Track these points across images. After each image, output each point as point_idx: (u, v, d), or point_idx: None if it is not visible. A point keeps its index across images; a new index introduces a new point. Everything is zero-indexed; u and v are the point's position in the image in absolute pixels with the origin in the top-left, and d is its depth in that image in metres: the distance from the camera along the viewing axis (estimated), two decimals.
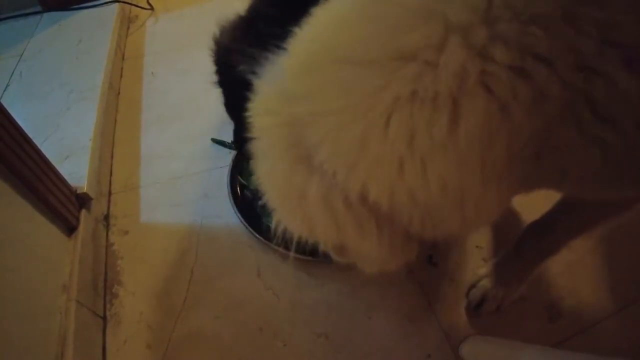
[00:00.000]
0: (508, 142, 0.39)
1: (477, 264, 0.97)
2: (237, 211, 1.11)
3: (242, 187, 1.18)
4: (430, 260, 1.01)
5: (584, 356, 0.67)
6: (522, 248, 0.88)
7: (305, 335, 0.93)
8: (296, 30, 0.50)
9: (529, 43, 0.36)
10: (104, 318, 1.00)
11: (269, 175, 0.52)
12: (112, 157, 1.34)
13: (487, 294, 0.91)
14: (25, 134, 0.89)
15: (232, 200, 1.14)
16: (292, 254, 0.98)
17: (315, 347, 0.91)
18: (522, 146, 0.40)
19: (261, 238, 1.06)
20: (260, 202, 1.13)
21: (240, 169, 1.22)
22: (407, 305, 0.95)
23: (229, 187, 1.16)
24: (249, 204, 1.14)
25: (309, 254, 1.00)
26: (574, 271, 0.96)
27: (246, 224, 1.08)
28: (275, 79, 0.50)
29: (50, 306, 0.87)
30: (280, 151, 0.48)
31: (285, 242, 0.56)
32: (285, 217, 0.53)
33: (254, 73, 0.54)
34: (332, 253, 0.56)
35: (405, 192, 0.42)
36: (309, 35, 0.47)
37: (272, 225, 0.56)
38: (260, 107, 0.51)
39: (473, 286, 0.93)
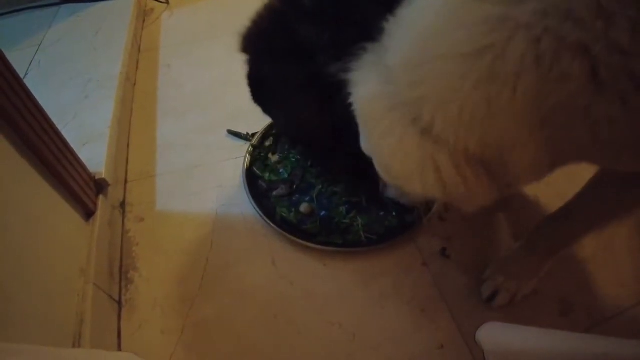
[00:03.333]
0: (548, 101, 0.50)
1: (490, 256, 0.97)
2: (252, 200, 1.12)
3: (257, 178, 1.19)
4: (443, 253, 1.01)
5: (603, 339, 0.67)
6: (536, 241, 0.89)
7: (319, 323, 0.94)
8: (390, 34, 0.62)
9: (563, 33, 0.46)
10: (119, 303, 1.02)
11: (397, 152, 0.62)
12: (128, 145, 1.36)
13: (500, 286, 0.92)
14: (49, 117, 0.91)
15: (247, 190, 1.15)
16: (309, 244, 1.03)
17: (328, 335, 0.92)
18: (550, 111, 0.51)
19: (275, 227, 1.07)
20: (274, 193, 1.15)
21: (255, 160, 1.23)
22: (420, 297, 0.95)
23: (244, 177, 1.18)
24: (263, 194, 1.16)
25: (326, 244, 1.04)
26: (587, 267, 0.97)
27: (261, 213, 1.09)
28: (380, 72, 0.62)
29: (68, 288, 0.89)
30: (403, 128, 0.60)
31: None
32: (421, 185, 0.64)
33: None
34: (451, 202, 0.70)
35: (489, 142, 0.57)
36: (409, 39, 0.59)
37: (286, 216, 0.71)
38: (369, 96, 0.64)
39: (486, 279, 0.94)
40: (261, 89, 0.94)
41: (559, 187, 0.86)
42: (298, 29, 0.81)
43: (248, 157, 1.23)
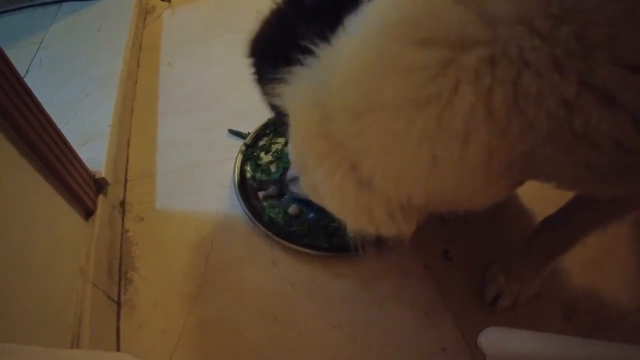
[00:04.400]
0: (505, 155, 0.51)
1: (492, 259, 0.96)
2: (241, 200, 1.12)
3: (248, 177, 1.20)
4: (446, 255, 1.01)
5: (606, 344, 0.66)
6: (537, 243, 0.88)
7: (320, 325, 0.93)
8: (327, 66, 0.60)
9: (522, 84, 0.45)
10: (118, 303, 1.01)
11: (335, 196, 0.65)
12: (128, 144, 1.35)
13: (502, 289, 0.91)
14: (49, 116, 0.90)
15: (236, 190, 1.15)
16: (295, 246, 1.03)
17: (329, 337, 0.91)
18: (517, 157, 0.51)
19: (262, 227, 1.07)
20: (264, 193, 1.15)
21: (247, 160, 1.23)
22: (422, 299, 0.95)
23: (235, 176, 1.18)
24: (253, 194, 1.16)
25: (312, 247, 1.03)
26: (590, 270, 0.96)
27: (249, 213, 1.09)
28: (319, 110, 0.61)
29: (67, 288, 0.88)
30: (342, 176, 0.61)
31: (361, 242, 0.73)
32: (353, 225, 0.68)
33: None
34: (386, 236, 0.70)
35: (434, 195, 0.58)
36: (349, 81, 0.57)
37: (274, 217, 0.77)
38: (309, 131, 0.63)
39: (488, 281, 0.93)
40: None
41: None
42: (299, 28, 0.81)
43: (240, 156, 1.23)
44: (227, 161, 1.25)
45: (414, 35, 0.50)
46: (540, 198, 1.08)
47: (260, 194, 1.16)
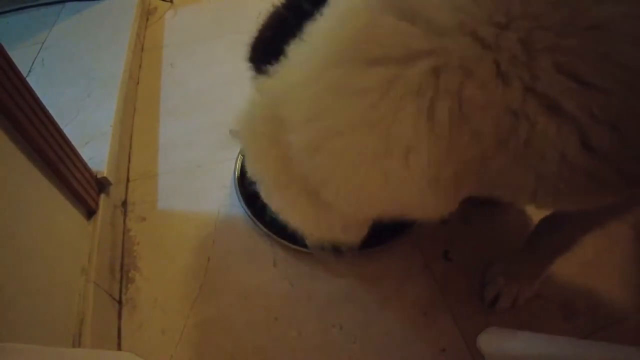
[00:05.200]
0: (452, 168, 0.51)
1: (492, 259, 0.97)
2: (241, 200, 1.13)
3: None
4: (445, 256, 1.01)
5: (605, 346, 0.66)
6: (536, 243, 0.88)
7: (320, 325, 0.93)
8: (283, 90, 0.60)
9: (467, 95, 0.45)
10: (120, 302, 1.01)
11: (289, 209, 0.72)
12: (130, 144, 1.36)
13: (501, 290, 0.91)
14: (51, 115, 0.91)
15: (237, 189, 1.15)
16: (296, 247, 1.03)
17: (329, 337, 0.91)
18: (464, 170, 0.51)
19: (263, 227, 1.07)
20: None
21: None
22: (422, 300, 0.95)
23: (235, 176, 1.19)
24: (256, 194, 1.15)
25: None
26: (590, 271, 0.96)
27: (249, 213, 1.09)
28: (278, 140, 0.61)
29: (68, 287, 0.88)
30: (297, 194, 0.65)
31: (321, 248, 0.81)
32: (308, 235, 0.77)
33: None
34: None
35: (389, 210, 0.62)
36: (305, 110, 0.57)
37: (275, 217, 0.79)
38: (269, 166, 0.68)
39: (487, 282, 0.93)
40: None
41: None
42: (298, 33, 0.81)
43: (241, 156, 1.23)
44: (228, 162, 1.25)
45: (358, 56, 0.50)
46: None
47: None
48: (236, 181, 1.17)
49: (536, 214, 1.04)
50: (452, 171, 0.51)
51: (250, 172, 0.74)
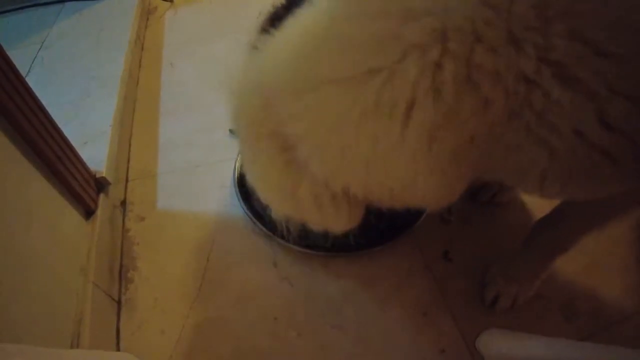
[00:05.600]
0: (452, 139, 0.47)
1: (492, 260, 0.96)
2: (241, 200, 1.12)
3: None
4: (445, 256, 1.00)
5: (605, 348, 0.66)
6: (534, 243, 0.87)
7: (320, 326, 0.93)
8: (273, 39, 0.57)
9: (476, 60, 0.43)
10: (119, 302, 1.01)
11: (262, 177, 0.63)
12: (129, 144, 1.35)
13: (501, 290, 0.90)
14: (50, 115, 0.90)
15: (236, 189, 1.15)
16: (295, 247, 1.03)
17: (329, 338, 0.91)
18: (467, 144, 0.48)
19: (262, 227, 1.06)
20: None
21: None
22: (422, 300, 0.95)
23: (235, 176, 1.18)
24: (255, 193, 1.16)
25: (313, 247, 1.02)
26: (591, 272, 0.95)
27: (249, 213, 1.09)
28: (257, 91, 0.57)
29: (67, 287, 0.88)
30: (270, 158, 0.58)
31: (287, 231, 0.72)
32: (278, 210, 0.67)
33: None
34: (312, 226, 0.69)
35: (375, 184, 0.54)
36: (289, 58, 0.54)
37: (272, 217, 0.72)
38: (245, 120, 0.62)
39: (488, 282, 0.93)
40: None
41: None
42: None
43: (240, 156, 1.23)
44: (228, 161, 1.24)
45: (360, 8, 0.48)
46: (541, 199, 1.07)
47: None
48: (236, 181, 1.17)
49: (537, 213, 1.05)
50: (453, 144, 0.48)
51: (233, 128, 0.68)
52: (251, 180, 0.67)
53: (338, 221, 0.63)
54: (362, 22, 0.47)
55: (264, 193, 0.66)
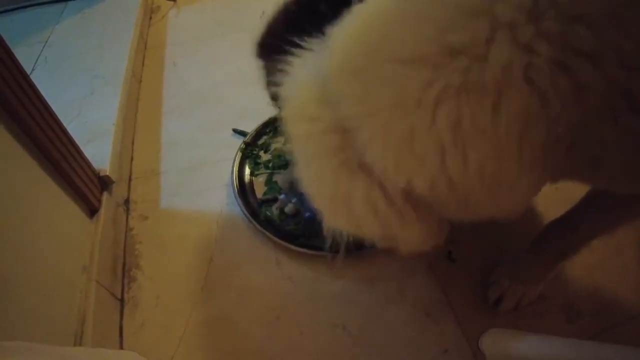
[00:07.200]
0: (545, 131, 0.42)
1: (495, 260, 0.96)
2: (238, 198, 1.13)
3: (250, 174, 1.21)
4: (449, 256, 1.00)
5: (609, 347, 0.66)
6: (542, 246, 0.87)
7: (322, 325, 0.93)
8: (334, 30, 0.51)
9: (573, 40, 0.38)
10: (122, 300, 1.01)
11: (315, 182, 0.56)
12: (133, 143, 1.36)
13: (505, 291, 0.90)
14: (54, 113, 0.91)
15: (234, 188, 1.16)
16: (290, 245, 1.03)
17: (331, 337, 0.91)
18: (558, 135, 0.42)
19: (258, 226, 1.07)
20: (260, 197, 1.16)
21: (246, 158, 1.24)
22: (425, 300, 0.94)
23: (233, 174, 1.19)
24: (251, 192, 1.17)
25: (306, 247, 1.03)
26: (595, 274, 0.95)
27: (246, 212, 1.10)
28: (311, 84, 0.53)
29: (70, 285, 0.88)
30: (325, 158, 0.52)
31: (336, 244, 0.63)
32: (332, 219, 0.58)
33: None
34: (377, 243, 0.60)
35: (446, 182, 0.46)
36: (351, 36, 0.48)
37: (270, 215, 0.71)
38: (296, 114, 0.55)
39: (491, 283, 0.93)
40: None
41: (567, 190, 0.85)
42: (313, 35, 0.81)
43: (239, 154, 1.23)
44: (230, 160, 1.24)
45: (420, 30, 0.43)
46: (544, 199, 1.07)
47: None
48: (234, 180, 1.18)
49: (541, 215, 1.04)
50: (542, 140, 0.42)
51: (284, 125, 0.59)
52: (304, 184, 0.59)
53: (405, 231, 0.54)
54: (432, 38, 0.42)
55: (317, 199, 0.58)
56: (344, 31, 0.50)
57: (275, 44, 0.89)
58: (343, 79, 0.48)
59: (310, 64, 0.55)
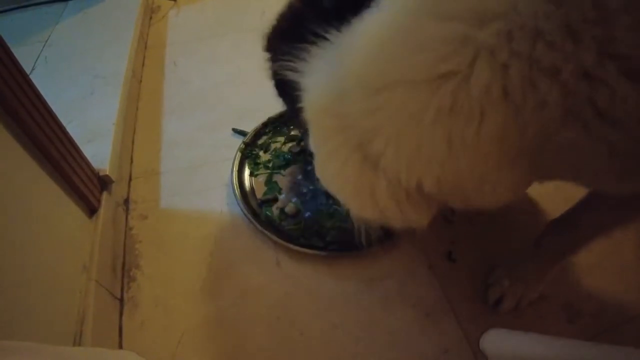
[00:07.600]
0: (518, 138, 0.48)
1: (496, 260, 0.96)
2: (238, 198, 1.13)
3: (250, 174, 1.21)
4: (449, 256, 1.00)
5: (609, 348, 0.66)
6: (543, 246, 0.87)
7: (323, 325, 0.93)
8: (347, 38, 0.59)
9: (536, 56, 0.42)
10: (121, 300, 1.01)
11: (339, 174, 0.62)
12: (133, 142, 1.36)
13: (505, 291, 0.90)
14: (54, 113, 0.91)
15: (234, 187, 1.16)
16: (290, 245, 1.03)
17: (332, 337, 0.91)
18: (528, 142, 0.48)
19: (258, 225, 1.07)
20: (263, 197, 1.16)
21: (246, 158, 1.25)
22: (425, 300, 0.94)
23: (233, 174, 1.19)
24: (251, 192, 1.17)
25: (307, 246, 1.03)
26: (595, 273, 0.95)
27: (245, 212, 1.10)
28: (333, 87, 0.59)
29: (70, 285, 0.88)
30: (348, 153, 0.59)
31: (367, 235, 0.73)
32: (359, 209, 0.66)
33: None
34: (391, 225, 0.68)
35: (448, 181, 0.55)
36: (365, 58, 0.55)
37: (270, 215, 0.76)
38: (319, 108, 0.62)
39: (492, 283, 0.93)
40: (284, 86, 0.94)
41: (566, 190, 0.84)
42: (317, 30, 0.81)
43: (239, 154, 1.24)
44: (230, 160, 1.24)
45: (433, 10, 0.48)
46: (544, 199, 1.07)
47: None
48: (234, 179, 1.18)
49: (541, 214, 1.04)
50: (517, 144, 0.48)
51: (306, 115, 0.66)
52: (326, 181, 0.67)
53: (418, 215, 0.63)
54: (439, 24, 0.47)
55: (340, 193, 0.66)
56: (357, 52, 0.56)
57: (284, 37, 0.89)
58: (362, 95, 0.54)
59: (331, 58, 0.61)
